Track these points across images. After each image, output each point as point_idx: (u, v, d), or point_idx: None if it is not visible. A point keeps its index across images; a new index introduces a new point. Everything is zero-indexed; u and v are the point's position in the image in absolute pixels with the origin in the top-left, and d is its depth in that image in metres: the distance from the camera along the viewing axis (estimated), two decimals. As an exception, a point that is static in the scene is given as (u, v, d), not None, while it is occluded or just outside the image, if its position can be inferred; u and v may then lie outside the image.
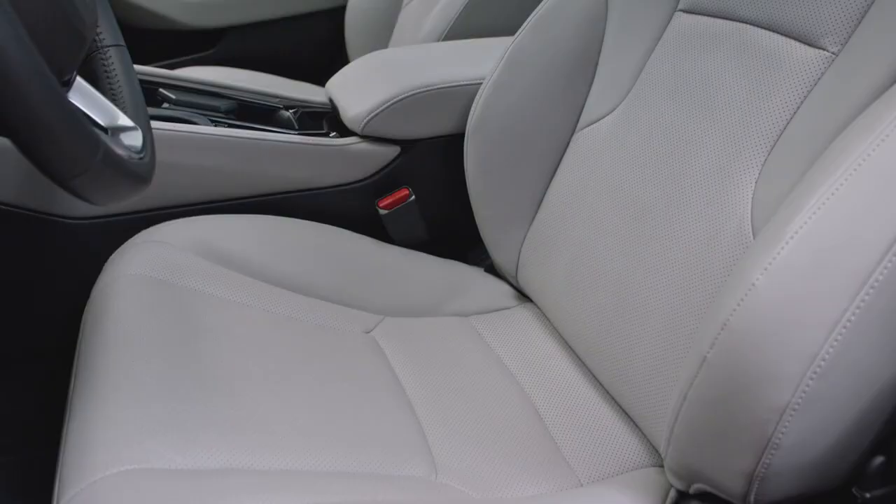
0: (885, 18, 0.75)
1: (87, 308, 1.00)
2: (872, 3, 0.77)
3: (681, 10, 0.99)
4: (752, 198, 0.82)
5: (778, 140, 0.81)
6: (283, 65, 2.26)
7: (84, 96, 0.80)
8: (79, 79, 0.80)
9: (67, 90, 0.77)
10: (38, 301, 1.16)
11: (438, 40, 1.58)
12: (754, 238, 0.79)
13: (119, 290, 0.97)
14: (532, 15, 1.13)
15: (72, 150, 0.60)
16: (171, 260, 1.03)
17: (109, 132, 0.80)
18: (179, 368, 0.86)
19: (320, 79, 1.45)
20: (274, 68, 2.21)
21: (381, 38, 2.04)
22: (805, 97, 0.80)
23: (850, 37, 0.78)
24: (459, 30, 1.57)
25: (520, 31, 1.13)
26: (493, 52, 1.17)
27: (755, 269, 0.64)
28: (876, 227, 0.61)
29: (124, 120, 0.82)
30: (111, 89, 0.90)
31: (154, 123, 1.14)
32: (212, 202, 1.20)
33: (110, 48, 0.92)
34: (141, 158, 0.76)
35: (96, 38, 0.92)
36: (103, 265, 1.06)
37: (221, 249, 1.09)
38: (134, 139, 0.80)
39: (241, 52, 2.29)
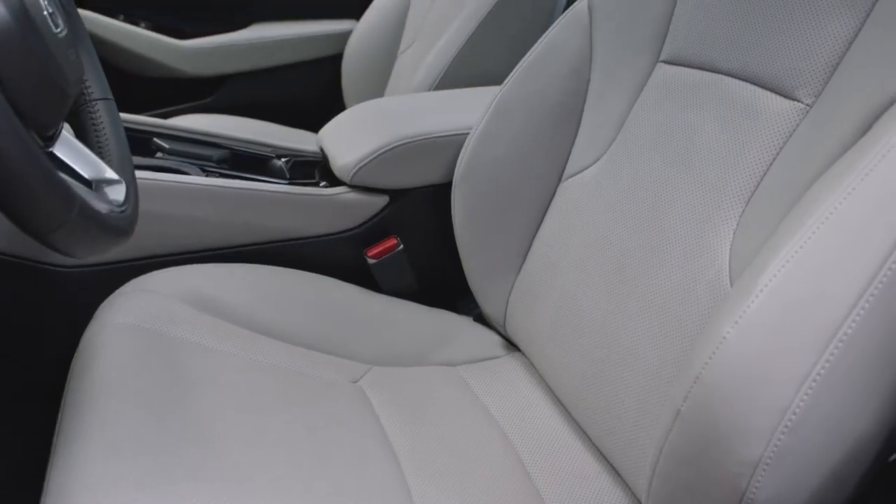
0: (855, 71, 0.76)
1: (75, 357, 1.01)
2: (844, 55, 0.78)
3: (662, 62, 1.00)
4: (731, 249, 0.82)
5: (755, 191, 0.82)
6: (281, 111, 2.28)
7: (69, 149, 0.81)
8: (65, 132, 0.81)
9: (52, 144, 0.78)
10: (28, 349, 1.16)
11: (430, 89, 1.60)
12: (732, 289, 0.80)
13: (106, 340, 0.98)
14: (518, 66, 1.14)
15: (47, 206, 0.60)
16: (159, 309, 1.04)
17: (93, 185, 0.81)
18: (162, 419, 0.86)
19: (318, 125, 1.47)
20: (272, 115, 2.23)
21: (377, 85, 2.07)
22: (780, 149, 0.81)
23: (823, 89, 0.79)
24: (451, 78, 1.58)
25: (506, 81, 1.15)
26: (481, 101, 1.18)
27: (726, 322, 0.64)
28: (843, 282, 0.61)
29: (109, 173, 0.83)
30: (98, 142, 0.91)
31: (145, 174, 1.15)
32: (202, 251, 1.20)
33: (98, 101, 0.93)
34: (122, 211, 0.77)
35: (85, 91, 0.93)
36: (94, 313, 1.07)
37: (210, 298, 1.10)
38: (117, 192, 0.81)
39: (240, 100, 2.32)
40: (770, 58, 0.85)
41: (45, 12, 0.76)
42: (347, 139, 1.31)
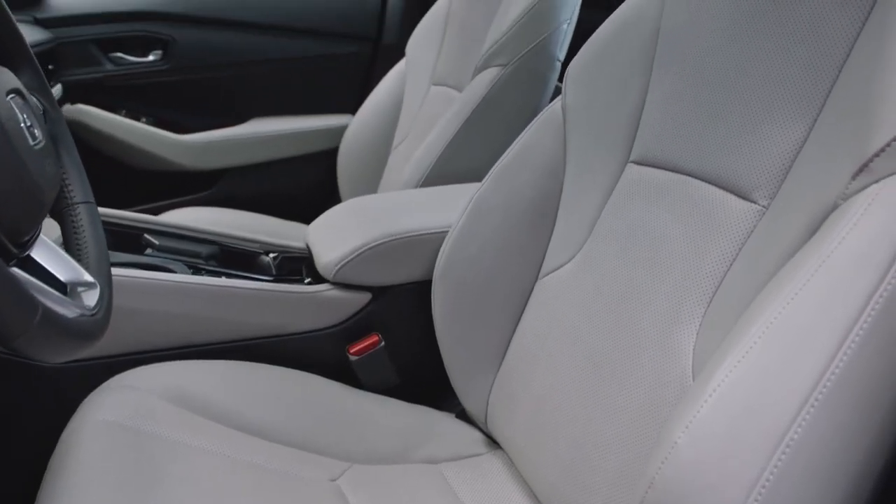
0: (803, 176, 0.78)
1: (53, 454, 1.01)
2: (794, 159, 0.80)
3: (632, 162, 1.03)
4: (694, 349, 0.83)
5: (716, 292, 0.83)
6: (278, 204, 2.32)
7: (46, 253, 0.83)
8: (42, 236, 0.84)
9: (29, 248, 0.80)
10: (9, 443, 1.17)
11: (418, 185, 1.62)
12: (696, 390, 0.80)
13: (85, 437, 0.98)
14: (495, 165, 1.17)
15: (7, 315, 0.62)
16: (139, 406, 1.04)
17: (67, 288, 0.83)
18: (134, 520, 0.86)
19: (314, 218, 1.49)
20: (270, 208, 2.27)
21: (372, 179, 2.10)
22: (739, 250, 0.83)
23: (777, 191, 0.81)
24: (437, 175, 1.61)
25: (484, 180, 1.17)
26: (464, 198, 1.20)
27: (677, 427, 0.65)
28: (788, 387, 0.62)
29: (85, 276, 0.85)
30: (77, 245, 0.93)
31: (131, 271, 1.18)
32: (186, 347, 1.22)
33: (80, 205, 0.96)
34: (92, 315, 0.78)
35: (66, 194, 0.96)
36: (77, 408, 1.07)
37: (191, 395, 1.10)
38: (89, 297, 0.82)
39: (237, 193, 2.36)
40: (729, 160, 0.87)
41: (23, 125, 0.78)
42: (331, 236, 1.33)
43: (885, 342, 0.63)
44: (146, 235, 1.35)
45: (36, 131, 0.81)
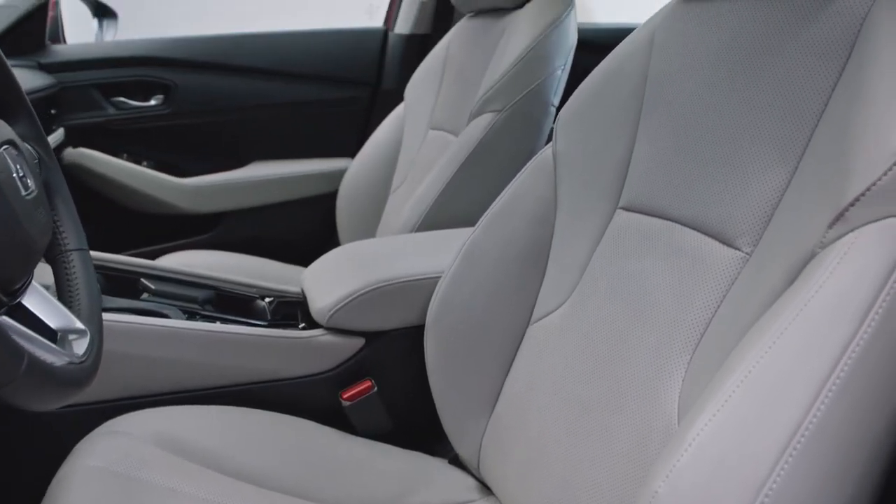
0: (784, 224, 0.78)
1: (43, 500, 1.01)
2: (776, 207, 0.81)
3: (621, 208, 1.03)
4: (679, 397, 0.83)
5: (701, 340, 0.84)
6: (277, 247, 2.33)
7: (38, 300, 0.84)
8: (34, 283, 0.85)
9: (20, 295, 0.81)
10: (1, 489, 1.17)
11: (414, 229, 1.64)
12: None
13: (75, 483, 0.98)
14: (488, 211, 1.17)
15: None
16: (130, 452, 1.04)
17: (58, 335, 0.84)
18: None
19: (312, 261, 1.50)
20: (269, 251, 2.27)
21: (370, 222, 2.11)
22: (724, 297, 0.83)
23: (760, 238, 0.82)
24: (433, 219, 1.62)
25: (476, 226, 1.18)
26: (457, 244, 1.21)
27: (658, 476, 0.65)
28: (767, 437, 0.62)
29: (76, 324, 0.86)
30: (69, 291, 0.94)
31: (124, 316, 1.18)
32: (178, 392, 1.22)
33: (73, 252, 0.97)
34: (81, 363, 0.79)
35: (60, 241, 0.97)
36: (68, 454, 1.08)
37: (183, 441, 1.10)
38: (79, 345, 0.83)
39: (237, 236, 2.37)
40: (714, 207, 0.88)
41: (16, 175, 0.80)
42: (326, 282, 1.34)
43: (862, 391, 0.63)
44: (143, 280, 1.36)
45: (28, 181, 0.83)
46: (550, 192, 1.13)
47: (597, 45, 1.67)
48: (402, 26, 2.47)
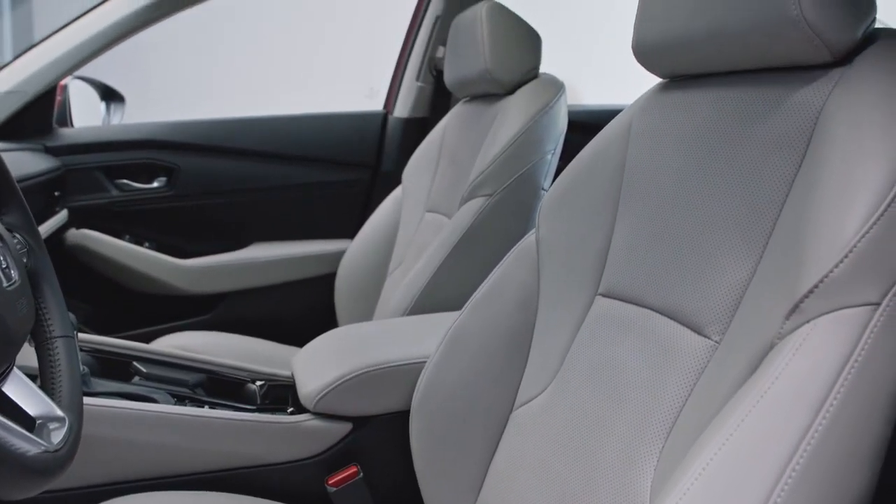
0: (748, 314, 0.79)
1: None
2: (743, 295, 0.82)
3: (600, 294, 1.05)
4: (651, 485, 0.83)
5: (672, 428, 0.84)
6: (276, 328, 2.33)
7: (19, 387, 0.85)
8: (16, 370, 0.86)
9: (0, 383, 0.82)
10: None
11: (405, 312, 1.64)
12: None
13: None
14: (472, 297, 1.19)
15: None
16: (114, 539, 1.05)
17: (35, 423, 0.85)
18: None
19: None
20: (267, 331, 2.28)
21: (367, 304, 2.12)
22: (694, 385, 0.84)
23: (727, 327, 0.83)
24: (424, 303, 1.63)
25: (461, 311, 1.19)
26: (446, 328, 1.22)
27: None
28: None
29: (55, 411, 0.87)
30: (52, 378, 0.95)
31: (112, 401, 1.19)
32: (165, 477, 1.22)
33: (58, 339, 0.98)
34: (55, 452, 0.79)
35: (46, 329, 0.98)
36: None
37: (167, 528, 1.10)
38: (56, 434, 0.84)
39: (237, 316, 2.38)
40: (686, 296, 0.89)
41: (-3, 266, 0.81)
42: (314, 366, 1.34)
43: (821, 479, 0.63)
44: (135, 363, 1.37)
45: (12, 272, 0.84)
46: (533, 278, 1.14)
47: (589, 125, 1.69)
48: (402, 110, 2.52)
